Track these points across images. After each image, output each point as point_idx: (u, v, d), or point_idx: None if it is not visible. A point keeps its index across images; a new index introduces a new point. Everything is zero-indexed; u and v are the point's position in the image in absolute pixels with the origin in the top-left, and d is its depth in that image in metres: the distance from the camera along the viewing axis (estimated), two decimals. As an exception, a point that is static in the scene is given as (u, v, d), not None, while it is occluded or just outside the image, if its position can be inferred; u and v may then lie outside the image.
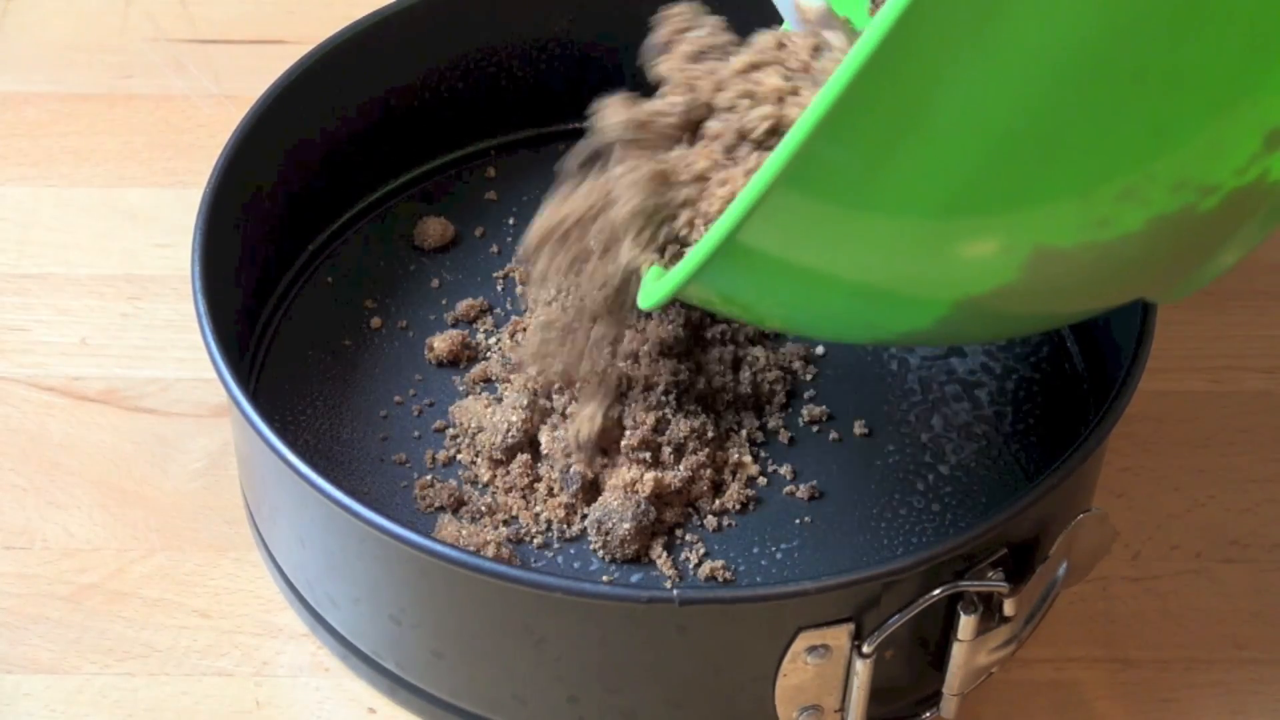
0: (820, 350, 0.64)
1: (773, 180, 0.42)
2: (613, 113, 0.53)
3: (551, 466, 0.59)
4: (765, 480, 0.60)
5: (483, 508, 0.58)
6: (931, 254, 0.45)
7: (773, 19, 0.59)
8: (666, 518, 0.59)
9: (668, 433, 0.59)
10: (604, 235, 0.54)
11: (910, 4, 0.39)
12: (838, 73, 0.40)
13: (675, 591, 0.50)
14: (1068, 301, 0.50)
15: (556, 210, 0.55)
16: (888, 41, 0.39)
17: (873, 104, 0.41)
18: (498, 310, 0.65)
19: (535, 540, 0.58)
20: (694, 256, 0.46)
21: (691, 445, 0.59)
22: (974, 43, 0.40)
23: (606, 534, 0.58)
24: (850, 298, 0.48)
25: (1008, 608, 0.53)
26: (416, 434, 0.61)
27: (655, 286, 0.51)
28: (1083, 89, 0.42)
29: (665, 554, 0.58)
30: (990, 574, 0.52)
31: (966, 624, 0.52)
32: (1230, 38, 0.42)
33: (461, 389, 0.62)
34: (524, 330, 0.63)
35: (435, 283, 0.66)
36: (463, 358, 0.63)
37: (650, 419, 0.59)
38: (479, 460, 0.60)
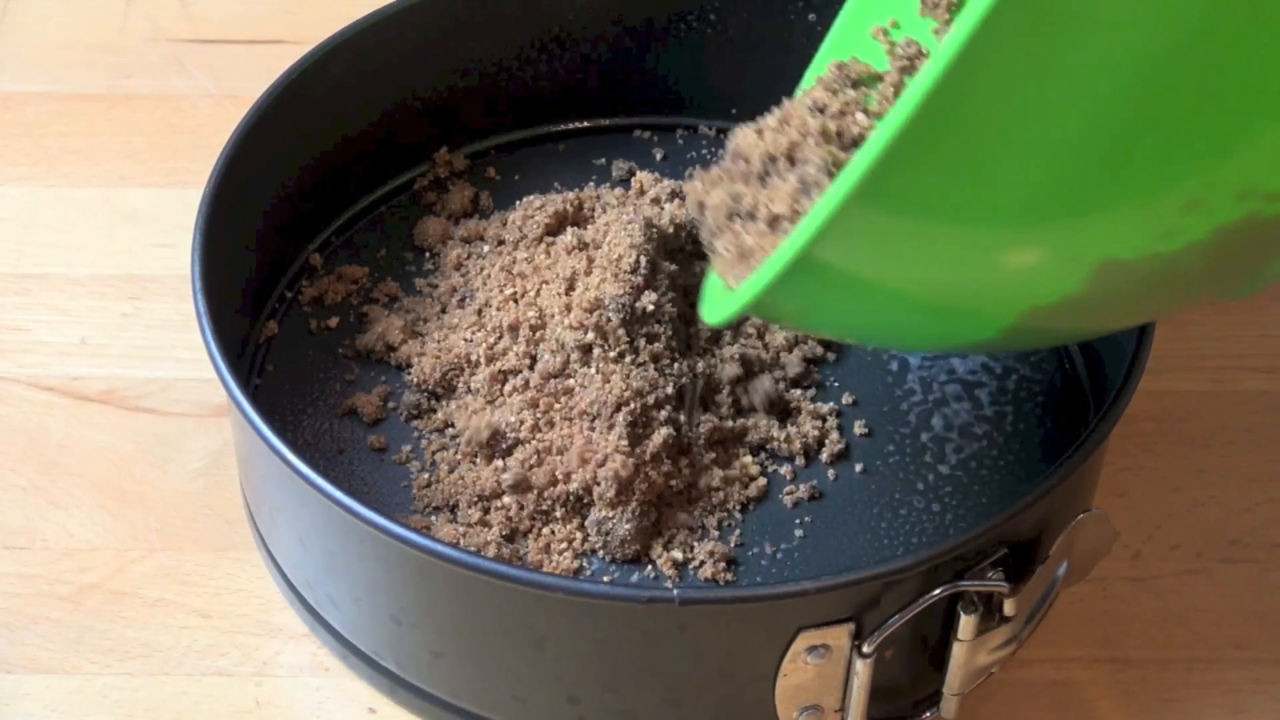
0: (820, 350, 0.64)
1: (848, 196, 0.42)
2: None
3: (551, 466, 0.59)
4: (765, 480, 0.60)
5: (482, 507, 0.58)
6: (1000, 267, 0.45)
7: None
8: (667, 518, 0.59)
9: (667, 434, 0.59)
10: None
11: (984, 18, 0.39)
12: (910, 91, 0.40)
13: (675, 591, 0.50)
14: (1132, 311, 0.50)
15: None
16: (960, 59, 0.39)
17: (945, 120, 0.41)
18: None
19: (535, 540, 0.58)
20: (767, 273, 0.46)
21: (693, 445, 0.59)
22: (1044, 59, 0.40)
23: (606, 534, 0.58)
24: (918, 310, 0.48)
25: (1008, 608, 0.53)
26: (416, 434, 0.62)
27: (724, 302, 0.50)
28: (1148, 102, 0.42)
29: (665, 554, 0.58)
30: (990, 574, 0.52)
31: (966, 624, 0.52)
32: None
33: (461, 388, 0.62)
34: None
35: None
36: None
37: (652, 420, 0.59)
38: (478, 460, 0.59)
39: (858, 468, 0.61)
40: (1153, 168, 0.43)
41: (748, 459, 0.60)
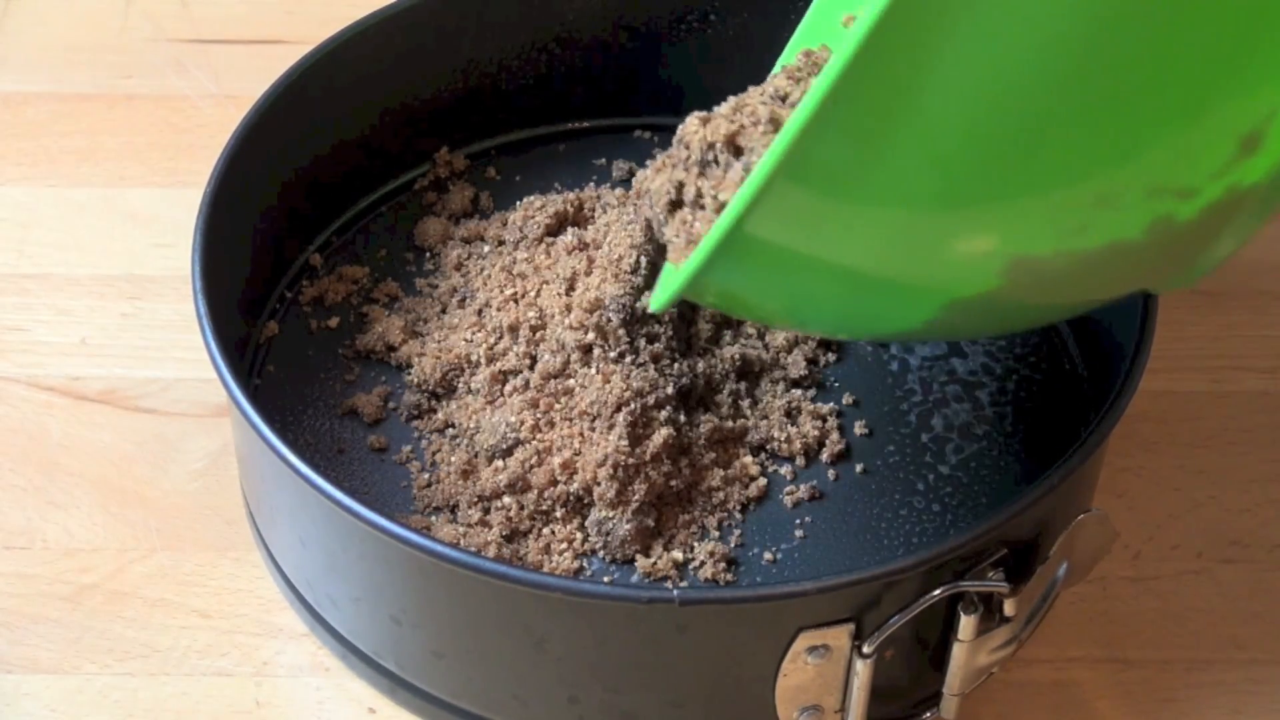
0: (821, 351, 0.64)
1: (772, 170, 0.43)
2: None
3: (551, 466, 0.59)
4: (765, 480, 0.60)
5: (482, 508, 0.58)
6: (917, 254, 0.46)
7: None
8: (667, 518, 0.59)
9: (667, 434, 0.59)
10: None
11: (886, 8, 0.40)
12: (827, 68, 0.41)
13: (675, 591, 0.50)
14: (1058, 303, 0.51)
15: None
16: (864, 47, 0.41)
17: (856, 99, 0.42)
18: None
19: (535, 541, 0.58)
20: (700, 252, 0.47)
21: (693, 446, 0.59)
22: (947, 43, 0.41)
23: (607, 534, 0.58)
24: (844, 295, 0.49)
25: (1008, 608, 0.53)
26: (416, 434, 0.62)
27: (663, 288, 0.51)
28: (1053, 95, 0.43)
29: (665, 554, 0.58)
30: (990, 574, 0.52)
31: (967, 624, 0.52)
32: (1199, 44, 0.42)
33: (461, 388, 0.62)
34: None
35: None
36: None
37: (652, 420, 0.59)
38: (478, 460, 0.59)
39: (858, 468, 0.61)
40: (1057, 162, 0.44)
41: (748, 459, 0.60)
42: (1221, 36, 0.43)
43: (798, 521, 0.59)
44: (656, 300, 0.53)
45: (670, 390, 0.59)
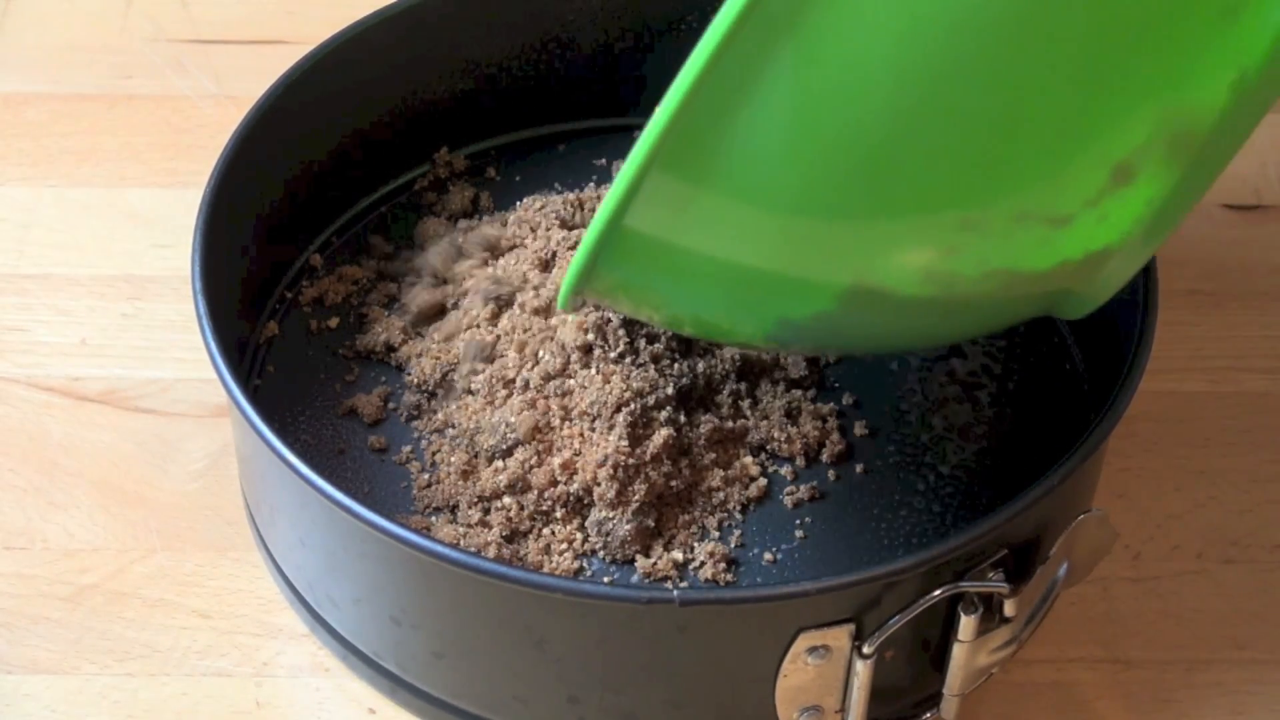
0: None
1: (644, 161, 0.44)
2: None
3: (551, 466, 0.59)
4: (765, 480, 0.60)
5: (482, 508, 0.58)
6: (772, 255, 0.47)
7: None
8: (667, 518, 0.59)
9: (668, 434, 0.59)
10: None
11: (738, 15, 0.42)
12: (690, 60, 0.44)
13: (675, 591, 0.50)
14: (937, 328, 0.52)
15: None
16: (725, 40, 0.43)
17: (712, 94, 0.44)
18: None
19: (536, 541, 0.58)
20: (587, 238, 0.48)
21: (693, 446, 0.59)
22: (798, 47, 0.42)
23: (607, 534, 0.58)
24: (702, 297, 0.50)
25: (1008, 608, 0.53)
26: (416, 434, 0.62)
27: (563, 283, 0.52)
28: (907, 121, 0.43)
29: (665, 554, 0.58)
30: (990, 575, 0.52)
31: (967, 624, 0.52)
32: (1058, 78, 0.43)
33: (461, 388, 0.62)
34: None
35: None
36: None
37: (653, 421, 0.59)
38: (478, 460, 0.59)
39: (858, 468, 0.61)
40: (919, 185, 0.44)
41: (748, 459, 0.60)
42: (1075, 75, 0.43)
43: (798, 522, 0.59)
44: (559, 299, 0.54)
45: (670, 390, 0.59)
